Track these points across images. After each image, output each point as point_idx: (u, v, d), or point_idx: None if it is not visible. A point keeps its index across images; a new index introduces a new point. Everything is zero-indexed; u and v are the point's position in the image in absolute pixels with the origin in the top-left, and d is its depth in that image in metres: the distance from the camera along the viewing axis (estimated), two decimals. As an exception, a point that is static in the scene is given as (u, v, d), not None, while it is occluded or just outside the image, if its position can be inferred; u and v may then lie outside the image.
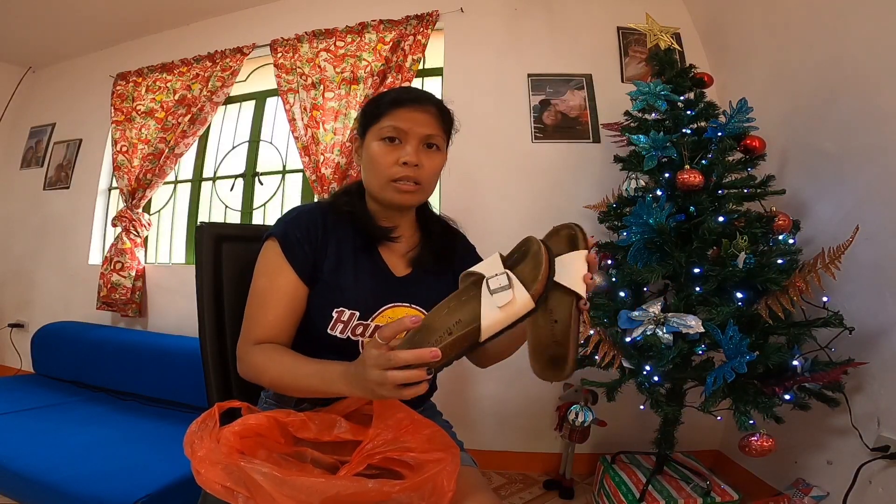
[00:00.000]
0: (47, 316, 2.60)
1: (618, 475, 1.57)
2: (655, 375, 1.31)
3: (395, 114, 0.81)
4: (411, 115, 0.81)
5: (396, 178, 0.81)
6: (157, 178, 2.47)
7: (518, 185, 2.05)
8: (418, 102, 0.82)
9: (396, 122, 0.81)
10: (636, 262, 1.41)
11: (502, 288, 0.56)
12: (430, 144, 0.83)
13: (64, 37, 2.82)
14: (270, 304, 0.79)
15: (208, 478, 0.60)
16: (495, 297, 0.56)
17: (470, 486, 0.76)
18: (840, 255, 1.22)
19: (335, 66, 2.26)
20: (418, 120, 0.81)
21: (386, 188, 0.83)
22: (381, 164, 0.81)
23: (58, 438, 1.48)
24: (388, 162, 0.81)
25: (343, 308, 0.80)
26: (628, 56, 2.13)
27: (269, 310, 0.79)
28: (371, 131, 0.84)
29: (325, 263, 0.82)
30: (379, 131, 0.82)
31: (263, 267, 0.81)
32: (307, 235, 0.81)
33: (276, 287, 0.80)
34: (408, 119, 0.81)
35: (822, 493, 1.37)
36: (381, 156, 0.81)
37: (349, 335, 0.81)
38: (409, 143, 0.81)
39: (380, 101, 0.85)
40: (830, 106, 1.49)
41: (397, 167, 0.81)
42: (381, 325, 0.81)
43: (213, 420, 0.68)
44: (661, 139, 1.43)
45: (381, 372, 0.56)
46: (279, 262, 0.80)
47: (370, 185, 0.86)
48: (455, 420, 1.00)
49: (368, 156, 0.83)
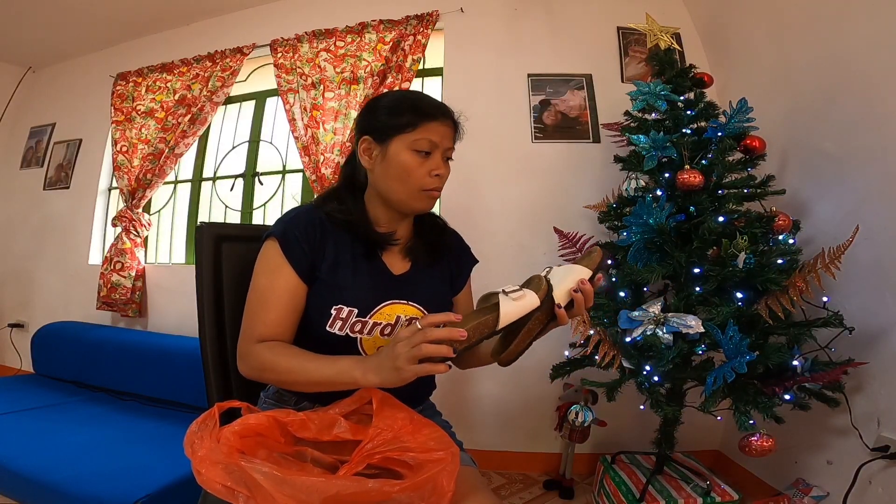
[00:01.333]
0: (47, 316, 2.60)
1: (618, 475, 1.57)
2: (655, 375, 1.31)
3: (429, 127, 0.83)
4: (442, 129, 0.84)
5: (428, 188, 0.84)
6: (157, 178, 2.47)
7: (518, 185, 2.05)
8: (446, 116, 0.86)
9: (431, 135, 0.83)
10: (636, 262, 1.41)
11: (515, 290, 0.71)
12: (448, 158, 0.88)
13: (64, 37, 2.82)
14: (271, 302, 0.80)
15: (209, 477, 0.60)
16: (510, 295, 0.70)
17: (469, 486, 0.76)
18: (840, 255, 1.22)
19: (335, 66, 2.26)
20: (446, 134, 0.85)
21: (416, 197, 0.85)
22: (414, 175, 0.83)
23: (58, 438, 1.48)
24: (422, 173, 0.83)
25: (342, 305, 0.81)
26: (628, 56, 2.13)
27: (270, 308, 0.80)
28: (399, 140, 0.83)
29: (322, 264, 0.83)
30: (413, 143, 0.82)
31: (264, 266, 0.82)
32: (305, 235, 0.82)
33: (277, 286, 0.81)
34: (440, 133, 0.84)
35: (822, 493, 1.37)
36: (415, 168, 0.83)
37: (348, 332, 0.81)
38: (437, 154, 0.84)
39: (404, 108, 0.84)
40: (830, 106, 1.49)
41: (429, 178, 0.84)
42: (379, 322, 0.83)
43: (214, 420, 0.68)
44: (661, 139, 1.43)
45: (413, 347, 0.63)
46: (279, 261, 0.81)
47: (394, 192, 0.86)
48: (455, 420, 1.00)
49: (398, 164, 0.83)
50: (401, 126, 0.83)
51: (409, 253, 0.91)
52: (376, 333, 0.83)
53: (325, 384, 0.74)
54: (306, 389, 0.80)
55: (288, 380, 0.77)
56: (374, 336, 0.83)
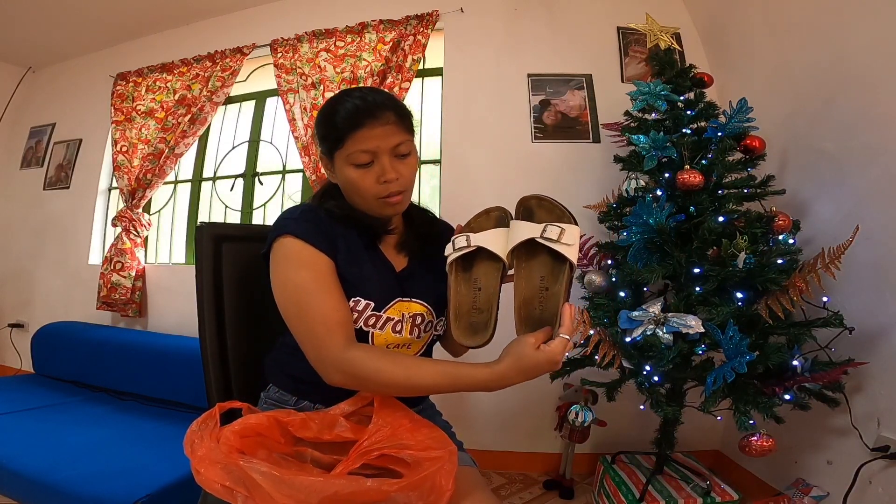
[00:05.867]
0: (47, 316, 2.60)
1: (618, 475, 1.57)
2: (655, 375, 1.31)
3: (357, 136, 0.77)
4: (373, 132, 0.77)
5: (382, 196, 0.80)
6: (157, 178, 2.47)
7: (518, 185, 2.05)
8: (375, 117, 0.77)
9: (363, 145, 0.77)
10: (636, 262, 1.41)
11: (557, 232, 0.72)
12: (400, 155, 0.81)
13: (64, 37, 2.82)
14: (329, 289, 0.76)
15: (208, 477, 0.60)
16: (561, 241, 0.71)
17: (469, 485, 0.76)
18: (840, 255, 1.22)
19: (335, 66, 2.26)
20: (382, 134, 0.77)
21: (377, 206, 0.82)
22: (362, 189, 0.79)
23: (58, 438, 1.48)
24: (369, 184, 0.79)
25: (359, 298, 0.80)
26: (628, 56, 2.13)
27: (331, 295, 0.76)
28: (338, 157, 0.80)
29: (338, 257, 0.81)
30: (347, 158, 0.78)
31: (296, 262, 0.77)
32: (320, 228, 0.81)
33: (324, 272, 0.77)
34: (372, 138, 0.77)
35: (822, 493, 1.37)
36: (359, 181, 0.79)
37: (362, 325, 0.80)
38: (381, 159, 0.78)
39: (334, 121, 0.79)
40: (830, 106, 1.49)
41: (379, 186, 0.79)
42: (391, 318, 0.82)
43: (214, 420, 0.68)
44: (661, 139, 1.43)
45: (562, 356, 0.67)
46: (309, 251, 0.77)
47: (357, 205, 0.84)
48: (455, 420, 1.00)
49: (346, 181, 0.81)
50: (332, 143, 0.80)
51: (403, 247, 0.90)
52: (388, 329, 0.82)
53: (440, 391, 0.72)
54: (416, 394, 0.78)
55: (396, 386, 0.72)
56: (385, 332, 0.82)
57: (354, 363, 0.71)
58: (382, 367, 0.71)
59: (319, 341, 0.73)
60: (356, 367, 0.71)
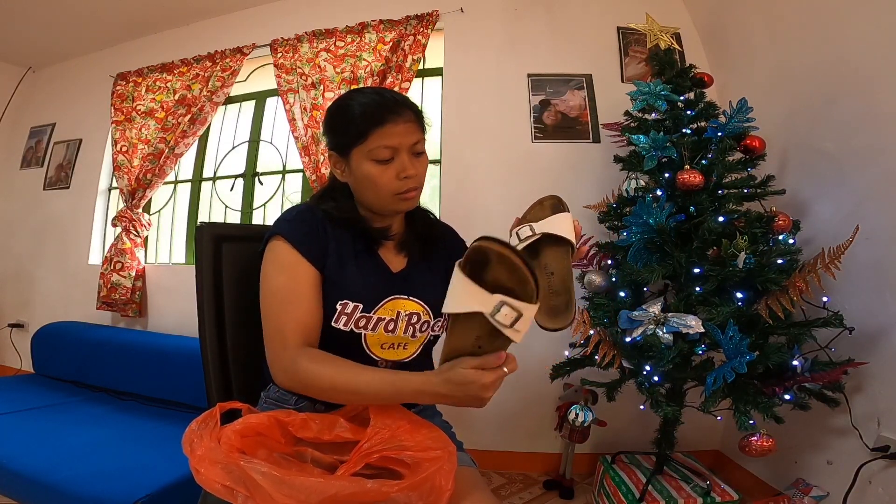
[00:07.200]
0: (47, 316, 2.60)
1: (618, 475, 1.57)
2: (655, 375, 1.31)
3: (381, 132, 0.78)
4: (397, 129, 0.79)
5: (400, 192, 0.82)
6: (157, 178, 2.47)
7: (518, 185, 2.05)
8: (398, 114, 0.79)
9: (386, 140, 0.78)
10: (636, 262, 1.41)
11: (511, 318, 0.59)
12: (417, 153, 0.83)
13: (64, 37, 2.82)
14: (299, 298, 0.78)
15: (207, 477, 0.60)
16: (513, 327, 0.59)
17: (469, 485, 0.76)
18: (840, 255, 1.22)
19: (335, 66, 2.26)
20: (404, 131, 0.79)
21: (392, 202, 0.83)
22: (381, 185, 0.81)
23: (58, 438, 1.48)
24: (388, 180, 0.80)
25: (347, 300, 0.80)
26: (628, 56, 2.13)
27: (298, 305, 0.77)
28: (357, 152, 0.80)
29: (327, 260, 0.82)
30: (369, 153, 0.79)
31: (278, 266, 0.79)
32: (313, 231, 0.82)
33: (300, 280, 0.79)
34: (395, 135, 0.79)
35: (822, 493, 1.37)
36: (379, 177, 0.80)
37: (352, 328, 0.81)
38: (401, 155, 0.80)
39: (353, 117, 0.80)
40: (830, 106, 1.49)
41: (398, 182, 0.81)
42: (382, 318, 0.82)
43: (214, 420, 0.68)
44: (661, 139, 1.43)
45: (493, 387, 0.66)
46: (294, 257, 0.79)
47: (369, 202, 0.85)
48: (455, 420, 1.00)
49: (363, 177, 0.81)
50: (352, 139, 0.80)
51: (403, 247, 0.91)
52: (380, 329, 0.83)
53: (381, 401, 0.72)
54: (358, 403, 0.77)
55: (335, 393, 0.73)
56: (378, 332, 0.83)
57: (299, 369, 0.73)
58: (324, 374, 0.72)
59: (274, 345, 0.76)
60: (300, 374, 0.73)
